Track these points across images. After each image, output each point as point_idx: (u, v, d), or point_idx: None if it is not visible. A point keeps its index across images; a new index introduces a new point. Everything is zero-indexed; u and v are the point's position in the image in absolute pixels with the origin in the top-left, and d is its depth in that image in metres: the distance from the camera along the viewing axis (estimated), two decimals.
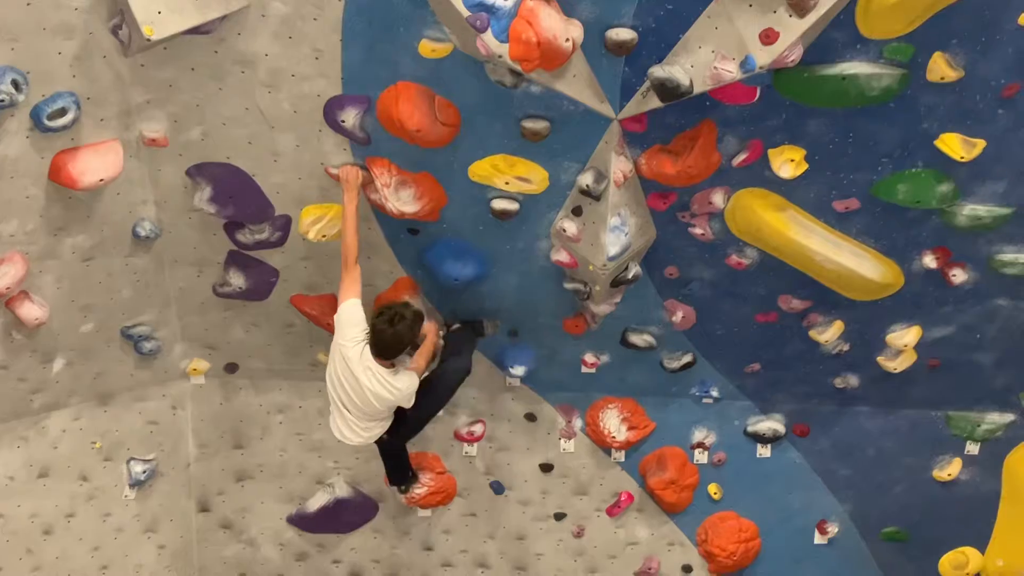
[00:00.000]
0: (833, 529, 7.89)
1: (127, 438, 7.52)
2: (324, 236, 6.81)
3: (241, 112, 6.28)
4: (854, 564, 7.88)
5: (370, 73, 6.13)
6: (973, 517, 7.77)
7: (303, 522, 7.96)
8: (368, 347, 6.35)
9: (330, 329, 7.50)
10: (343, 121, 6.29)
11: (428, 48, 5.99)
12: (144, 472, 7.55)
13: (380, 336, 6.30)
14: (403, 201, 6.63)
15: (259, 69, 6.13)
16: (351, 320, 6.39)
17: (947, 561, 7.78)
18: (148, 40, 5.70)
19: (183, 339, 7.53)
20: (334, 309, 7.37)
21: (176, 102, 6.26)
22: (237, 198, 6.70)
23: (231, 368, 7.76)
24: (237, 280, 7.19)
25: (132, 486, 7.55)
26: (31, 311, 6.59)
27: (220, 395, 7.79)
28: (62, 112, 5.95)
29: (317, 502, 7.95)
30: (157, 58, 6.04)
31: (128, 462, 7.53)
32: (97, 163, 6.18)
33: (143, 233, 6.75)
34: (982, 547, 7.75)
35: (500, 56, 5.70)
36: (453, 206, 6.68)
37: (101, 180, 6.19)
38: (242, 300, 7.32)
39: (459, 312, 7.28)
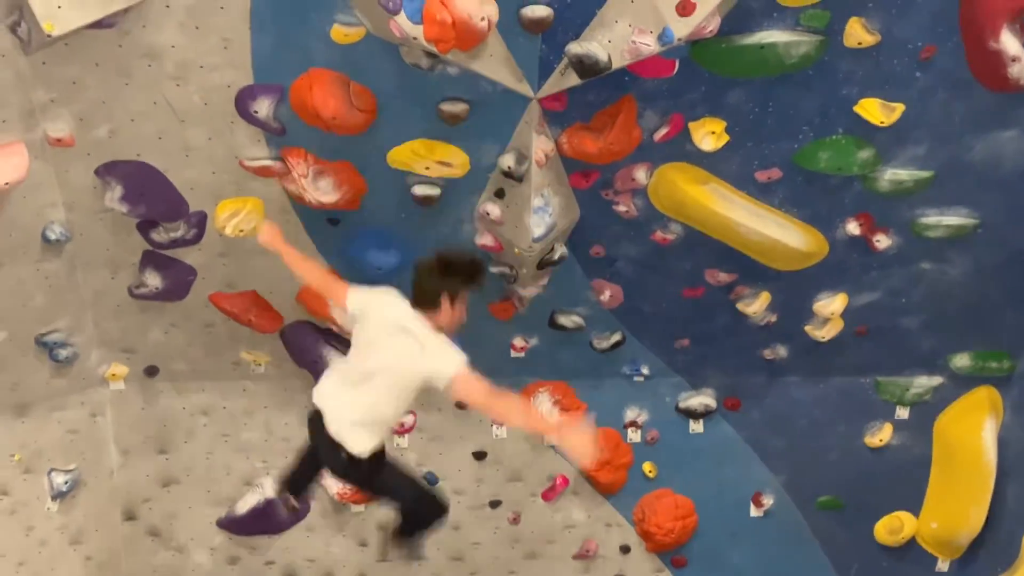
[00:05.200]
0: (768, 501, 7.90)
1: (47, 449, 7.29)
2: (241, 231, 6.64)
3: (149, 107, 6.10)
4: (790, 535, 7.89)
5: (282, 61, 5.97)
6: (906, 482, 7.82)
7: (233, 525, 7.79)
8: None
9: (251, 326, 7.39)
10: (256, 112, 6.14)
11: (340, 33, 5.85)
12: (66, 483, 7.32)
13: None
14: (322, 191, 6.49)
15: (166, 62, 5.94)
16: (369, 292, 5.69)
17: (882, 527, 7.83)
18: (49, 36, 5.49)
19: (100, 344, 7.31)
20: (256, 305, 7.24)
21: (81, 100, 6.05)
22: (149, 196, 6.50)
23: (151, 371, 7.56)
24: (153, 280, 6.98)
25: (54, 498, 7.32)
26: None
27: (141, 400, 7.59)
28: None
29: (247, 504, 7.77)
30: (59, 55, 5.82)
31: (49, 473, 7.29)
32: (1, 166, 5.96)
33: (53, 237, 6.52)
34: (916, 511, 7.81)
35: (415, 38, 5.58)
36: (373, 194, 6.55)
37: (6, 184, 5.96)
38: (159, 301, 7.13)
39: None
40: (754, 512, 7.93)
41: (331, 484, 7.73)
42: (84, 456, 7.45)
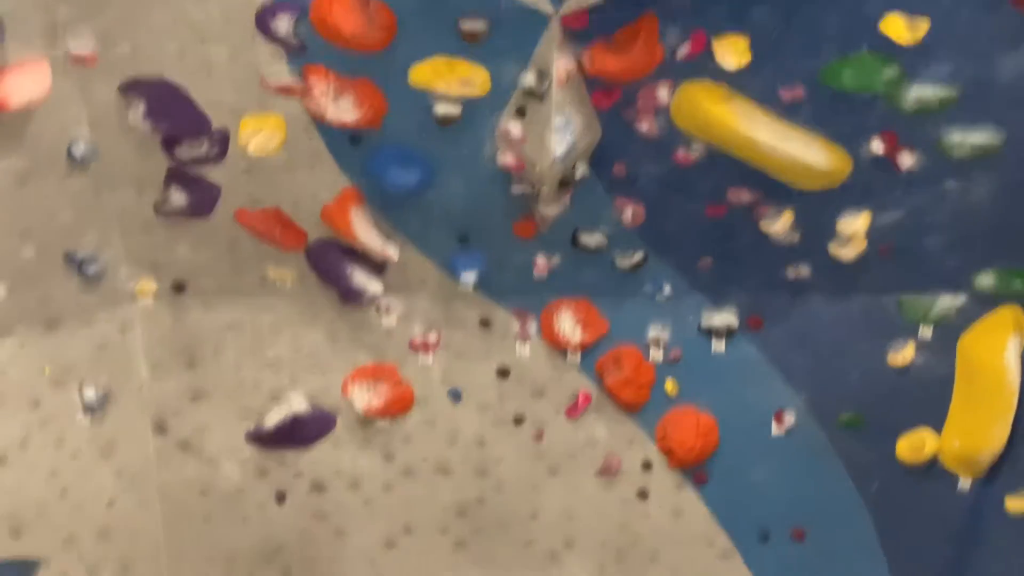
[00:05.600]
0: (790, 419, 7.93)
1: (77, 363, 7.41)
2: (264, 149, 6.70)
3: (171, 24, 6.12)
4: (812, 452, 7.92)
5: None
6: (929, 401, 7.81)
7: (262, 439, 7.92)
8: None
9: (277, 243, 7.47)
10: (276, 29, 6.15)
11: None
12: (96, 397, 7.47)
13: None
14: (343, 109, 6.51)
15: None
16: None
17: (904, 444, 7.85)
18: None
19: (128, 260, 7.41)
20: (280, 222, 7.31)
21: (104, 16, 6.08)
22: (172, 114, 6.56)
23: (179, 287, 7.65)
24: (178, 198, 7.06)
25: (85, 411, 7.47)
26: None
27: (169, 315, 7.69)
28: None
29: (274, 418, 7.90)
30: None
31: (80, 387, 7.44)
32: (24, 83, 6.04)
33: (78, 154, 6.60)
34: (938, 430, 7.82)
35: None
36: (394, 113, 6.57)
37: (30, 101, 6.05)
38: (185, 218, 7.21)
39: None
40: (775, 430, 7.97)
41: (357, 399, 7.86)
42: (113, 371, 7.58)
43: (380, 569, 8.04)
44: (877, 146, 6.72)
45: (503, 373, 8.11)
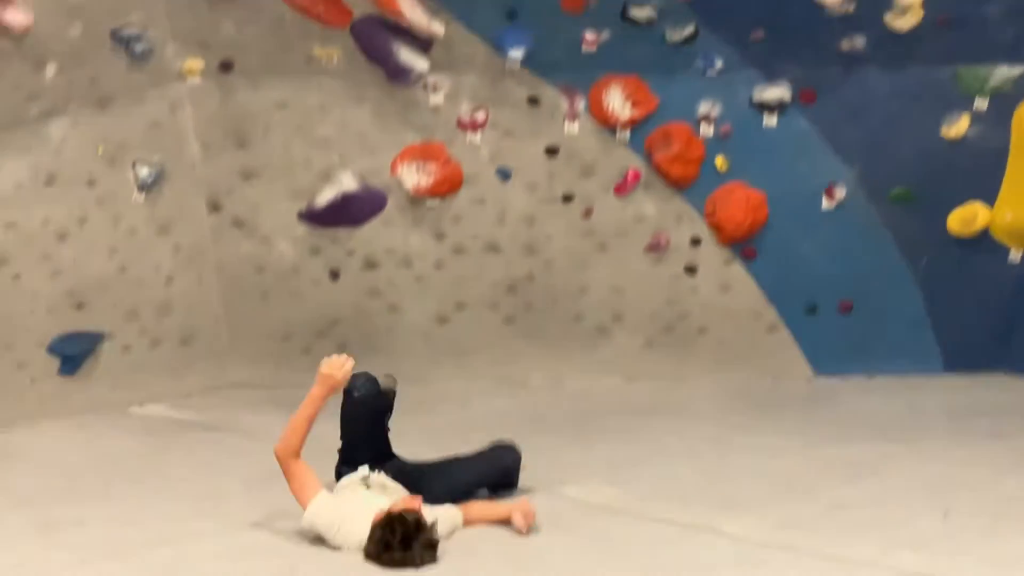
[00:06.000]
0: (841, 193, 7.89)
1: (130, 141, 7.51)
2: None
3: None
4: (862, 226, 7.91)
5: None
6: (981, 174, 7.75)
7: (314, 217, 8.02)
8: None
9: (321, 20, 7.44)
10: None
11: None
12: (151, 174, 7.59)
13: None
14: None
15: None
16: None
17: (955, 217, 7.81)
18: None
19: (174, 39, 7.43)
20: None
21: None
22: None
23: (226, 66, 7.67)
24: None
25: (140, 189, 7.60)
26: (15, 16, 6.50)
27: (218, 94, 7.73)
28: None
29: (326, 197, 7.98)
30: None
31: (134, 165, 7.55)
32: None
33: None
34: (991, 203, 7.78)
35: None
36: None
37: None
38: None
39: None
40: (826, 204, 7.94)
41: (407, 177, 7.91)
42: (166, 149, 7.68)
43: (433, 342, 8.22)
44: None
45: (552, 151, 8.11)
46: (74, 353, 7.49)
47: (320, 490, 5.21)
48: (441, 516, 5.22)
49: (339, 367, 5.35)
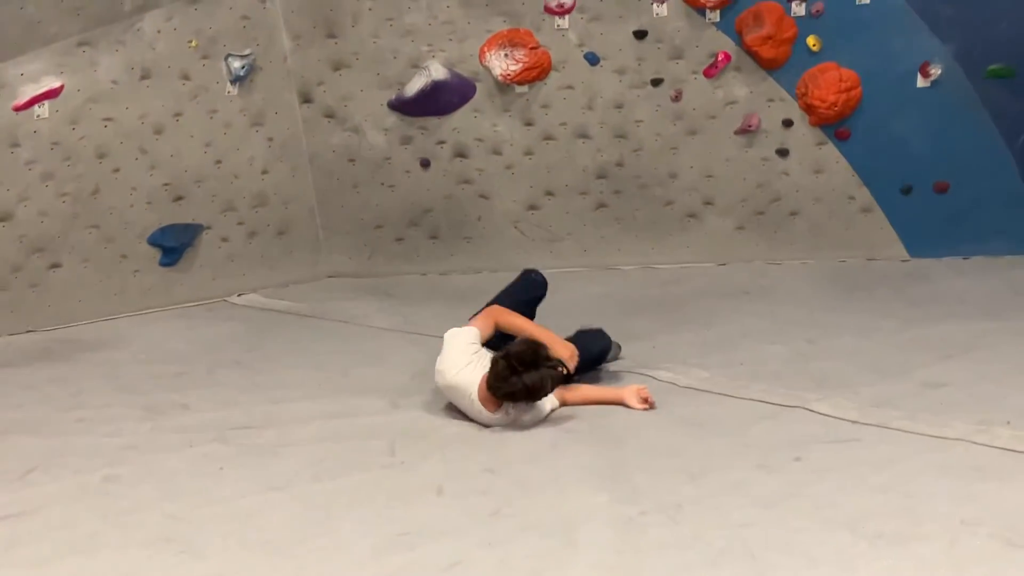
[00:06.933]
0: (936, 71, 7.73)
1: (221, 35, 7.59)
2: None
3: None
4: (958, 104, 7.74)
5: None
6: None
7: (404, 106, 8.06)
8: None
9: None
10: None
11: None
12: (243, 67, 7.66)
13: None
14: None
15: None
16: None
17: None
18: None
19: None
20: None
21: None
22: None
23: None
24: None
25: (233, 82, 7.69)
26: None
27: None
28: None
29: (415, 86, 8.00)
30: None
31: (226, 59, 7.63)
32: None
33: None
34: None
35: None
36: None
37: None
38: None
39: None
40: (921, 83, 7.79)
41: (495, 64, 7.90)
42: (257, 41, 7.74)
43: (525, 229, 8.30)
44: None
45: (640, 34, 8.01)
46: (174, 245, 7.68)
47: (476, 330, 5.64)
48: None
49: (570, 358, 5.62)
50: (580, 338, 5.90)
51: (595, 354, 5.98)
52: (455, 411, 5.64)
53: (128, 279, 7.58)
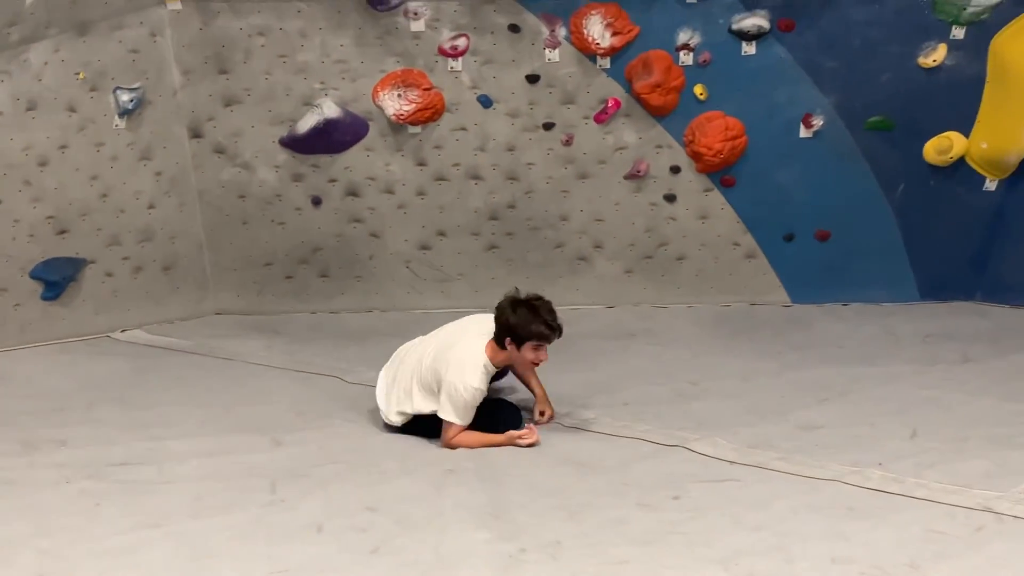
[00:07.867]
0: (818, 122, 7.94)
1: (110, 67, 7.50)
2: None
3: None
4: (839, 154, 7.96)
5: None
6: (958, 103, 7.80)
7: (295, 144, 8.05)
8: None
9: None
10: None
11: None
12: (131, 101, 7.58)
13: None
14: None
15: None
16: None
17: (931, 146, 7.87)
18: None
19: None
20: None
21: None
22: None
23: None
24: None
25: (121, 115, 7.60)
26: None
27: (198, 20, 7.70)
28: None
29: (307, 123, 8.00)
30: None
31: (114, 92, 7.55)
32: None
33: None
34: (966, 133, 7.84)
35: None
36: None
37: None
38: None
39: None
40: (803, 133, 7.99)
41: (388, 104, 7.94)
42: (147, 75, 7.67)
43: (416, 269, 8.31)
44: None
45: (533, 79, 8.12)
46: (56, 279, 7.56)
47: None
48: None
49: (527, 440, 5.73)
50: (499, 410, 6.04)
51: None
52: (338, 449, 5.63)
53: (8, 313, 7.43)
